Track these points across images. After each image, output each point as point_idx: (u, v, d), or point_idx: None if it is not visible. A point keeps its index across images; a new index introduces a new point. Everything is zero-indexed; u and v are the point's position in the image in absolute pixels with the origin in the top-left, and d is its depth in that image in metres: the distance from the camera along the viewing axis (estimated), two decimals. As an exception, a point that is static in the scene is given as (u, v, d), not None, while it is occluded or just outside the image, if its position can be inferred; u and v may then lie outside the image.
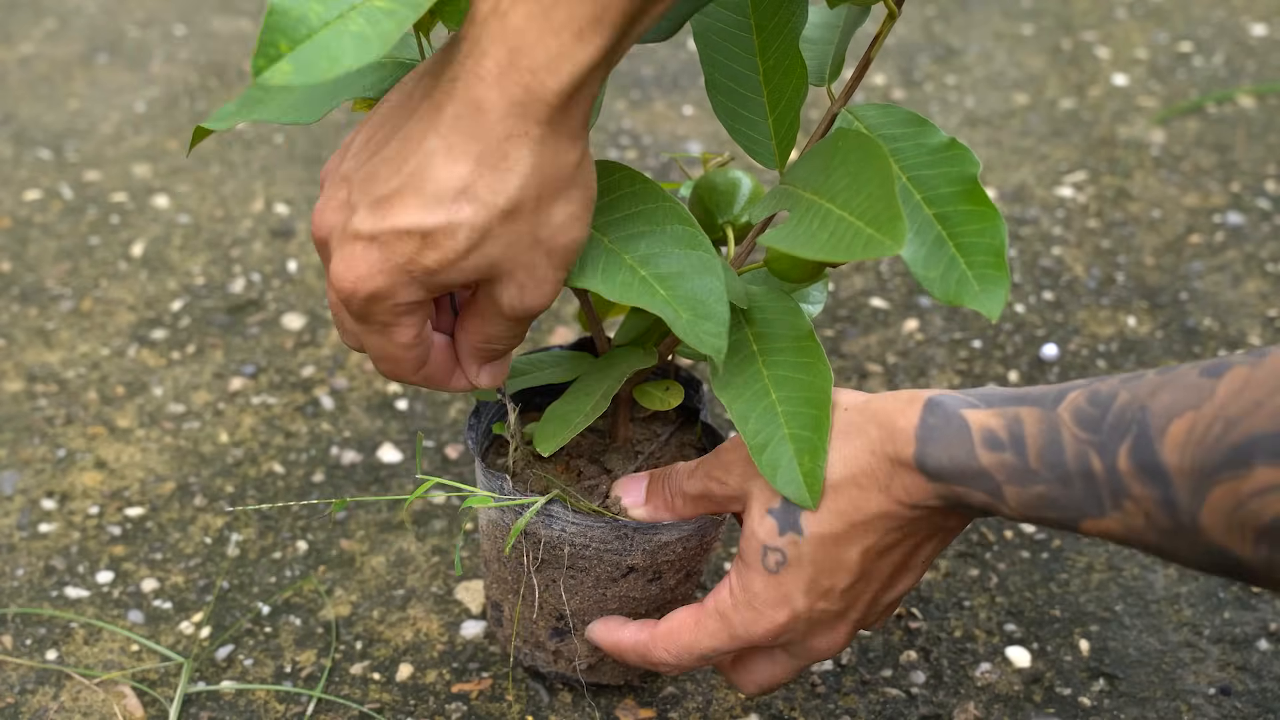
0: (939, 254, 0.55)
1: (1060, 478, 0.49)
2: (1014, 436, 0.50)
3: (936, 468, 0.52)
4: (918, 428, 0.53)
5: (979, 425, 0.51)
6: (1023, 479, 0.50)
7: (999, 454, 0.51)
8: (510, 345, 0.56)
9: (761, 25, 0.60)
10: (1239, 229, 1.13)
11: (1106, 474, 0.48)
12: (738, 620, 0.57)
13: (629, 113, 1.33)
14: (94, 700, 0.71)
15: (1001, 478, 0.51)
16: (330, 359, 0.98)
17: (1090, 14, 1.52)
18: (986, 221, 0.54)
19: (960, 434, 0.52)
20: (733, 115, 0.62)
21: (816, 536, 0.55)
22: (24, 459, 0.88)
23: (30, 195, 1.19)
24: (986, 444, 0.51)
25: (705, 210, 0.68)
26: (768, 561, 0.56)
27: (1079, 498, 0.49)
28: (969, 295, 0.54)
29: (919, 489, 0.53)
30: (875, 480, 0.54)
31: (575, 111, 0.49)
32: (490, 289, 0.52)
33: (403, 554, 0.81)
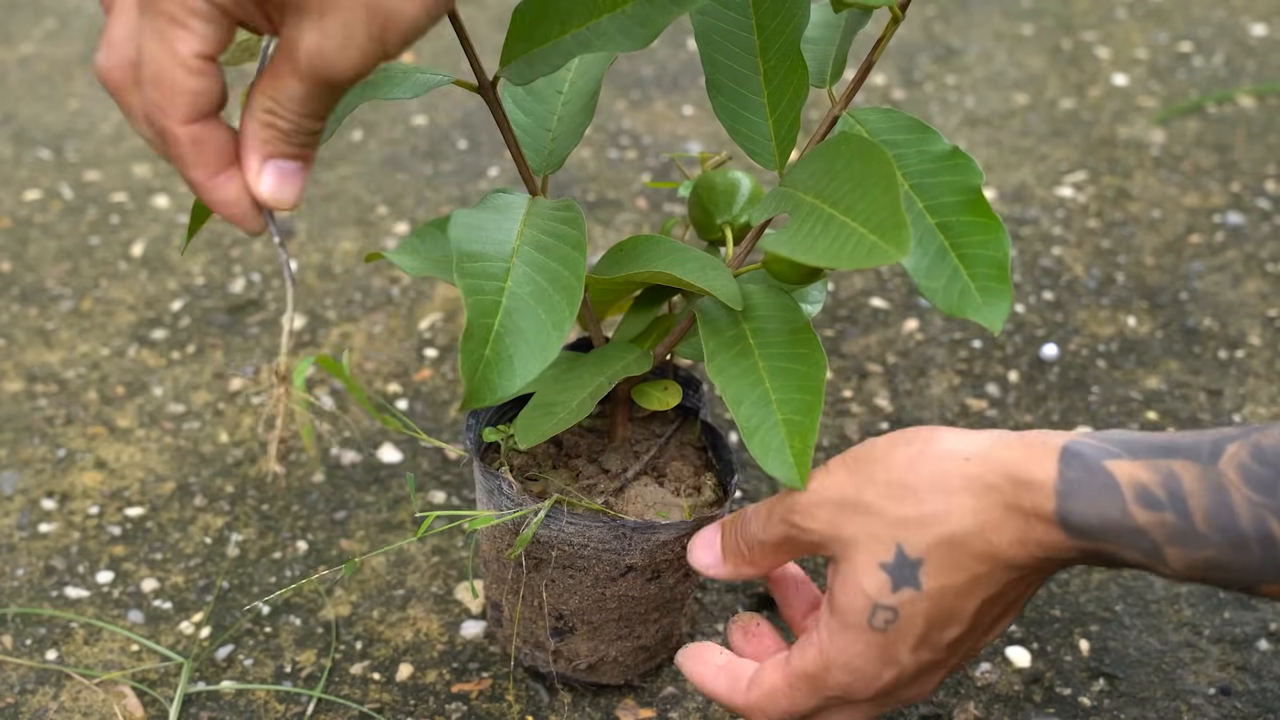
0: (941, 264, 0.54)
1: (1234, 543, 0.46)
2: (1173, 495, 0.47)
3: (1082, 524, 0.48)
4: (1057, 481, 0.49)
5: (1129, 480, 0.48)
6: (1188, 541, 0.47)
7: (1157, 513, 0.47)
8: (296, 124, 0.47)
9: (763, 25, 0.60)
10: (1239, 229, 1.12)
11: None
12: (833, 683, 0.55)
13: (629, 113, 1.33)
14: (94, 700, 0.71)
15: (1161, 538, 0.47)
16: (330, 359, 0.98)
17: (1090, 14, 1.52)
18: (990, 234, 0.54)
19: (1108, 489, 0.48)
20: (733, 116, 0.61)
21: (938, 591, 0.51)
22: (24, 459, 0.88)
23: (30, 195, 1.19)
24: (1141, 501, 0.47)
25: (704, 210, 0.68)
26: (876, 620, 0.52)
27: (1257, 563, 0.46)
28: (972, 307, 0.53)
29: (1058, 543, 0.50)
30: (1007, 534, 0.50)
31: None
32: (292, 29, 0.44)
33: (403, 554, 0.81)
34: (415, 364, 0.98)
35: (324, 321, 1.02)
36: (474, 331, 0.52)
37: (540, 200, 0.59)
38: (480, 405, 0.52)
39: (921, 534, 0.51)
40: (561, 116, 0.67)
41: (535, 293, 0.53)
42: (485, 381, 0.52)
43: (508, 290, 0.53)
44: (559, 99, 0.67)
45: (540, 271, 0.54)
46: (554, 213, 0.57)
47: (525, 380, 0.52)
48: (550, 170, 0.66)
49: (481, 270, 0.53)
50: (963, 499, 0.51)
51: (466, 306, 0.52)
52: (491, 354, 0.52)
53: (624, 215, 1.16)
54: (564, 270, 0.54)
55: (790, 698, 0.56)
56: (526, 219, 0.56)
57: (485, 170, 1.23)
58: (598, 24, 0.54)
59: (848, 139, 0.54)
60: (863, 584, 0.52)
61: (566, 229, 0.56)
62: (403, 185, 1.21)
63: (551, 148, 0.66)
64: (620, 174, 1.23)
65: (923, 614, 0.52)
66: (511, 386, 0.52)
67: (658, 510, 0.66)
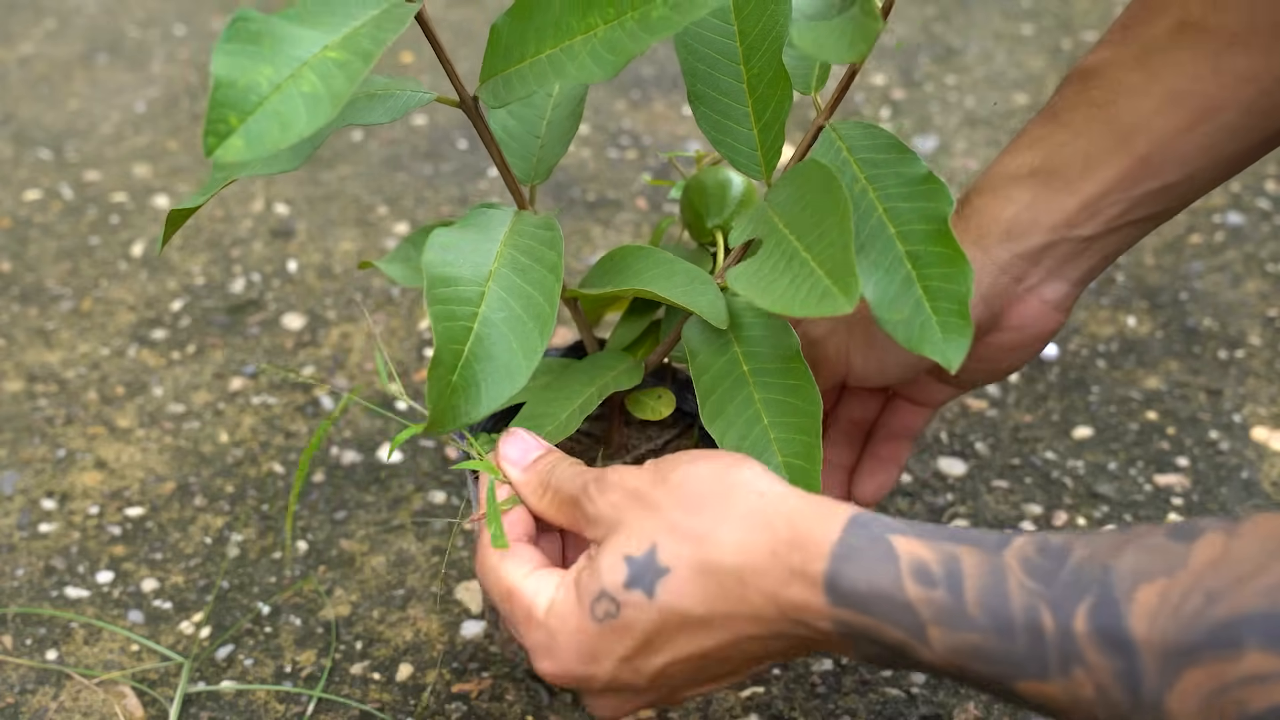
0: (906, 295, 0.53)
1: (1000, 628, 0.44)
2: (949, 573, 0.45)
3: (849, 590, 0.46)
4: (836, 544, 0.47)
5: (909, 554, 0.46)
6: (954, 621, 0.44)
7: (929, 590, 0.45)
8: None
9: (745, 33, 0.59)
10: (1239, 229, 1.13)
11: (1058, 634, 0.43)
12: (533, 638, 0.52)
13: (629, 113, 1.33)
14: (94, 700, 0.71)
15: (928, 615, 0.45)
16: (330, 359, 0.98)
17: (1090, 14, 1.52)
18: (955, 267, 0.52)
19: (885, 560, 0.46)
20: (717, 126, 0.60)
21: (667, 609, 0.49)
22: (24, 459, 0.88)
23: (30, 195, 1.19)
24: (916, 576, 0.45)
25: (695, 212, 0.67)
26: (596, 609, 0.50)
27: (1020, 654, 0.43)
28: (931, 344, 0.52)
29: (814, 609, 0.47)
30: (764, 582, 0.47)
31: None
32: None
33: (403, 554, 0.81)
34: (415, 364, 0.98)
35: (324, 321, 1.02)
36: (442, 357, 0.52)
37: (525, 216, 0.59)
38: (444, 430, 0.52)
39: (680, 545, 0.49)
40: (551, 121, 0.66)
41: (509, 319, 0.53)
42: (450, 407, 0.52)
43: (480, 316, 0.53)
44: (549, 102, 0.67)
45: (516, 296, 0.54)
46: (535, 231, 0.57)
47: (492, 407, 0.52)
48: (539, 180, 0.65)
49: (454, 295, 0.53)
50: (735, 528, 0.48)
51: (435, 334, 0.52)
52: (459, 380, 0.52)
53: (624, 215, 1.16)
54: (539, 296, 0.53)
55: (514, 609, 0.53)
56: (508, 238, 0.56)
57: (485, 170, 1.23)
58: (570, 46, 0.53)
59: (816, 168, 0.53)
60: (602, 567, 0.50)
61: (545, 250, 0.55)
62: (403, 185, 1.21)
63: (540, 155, 0.66)
64: (620, 174, 1.23)
65: (642, 625, 0.49)
66: (477, 412, 0.52)
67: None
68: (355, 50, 0.47)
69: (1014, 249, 0.62)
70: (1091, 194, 0.60)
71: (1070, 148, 0.60)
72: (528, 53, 0.54)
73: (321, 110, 0.45)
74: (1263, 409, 0.92)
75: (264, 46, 0.46)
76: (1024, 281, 0.62)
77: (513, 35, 0.55)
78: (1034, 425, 0.91)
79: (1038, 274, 0.62)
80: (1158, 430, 0.90)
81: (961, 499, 0.85)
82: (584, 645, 0.50)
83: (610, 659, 0.50)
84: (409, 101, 0.59)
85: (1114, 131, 0.60)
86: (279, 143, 0.44)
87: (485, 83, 0.57)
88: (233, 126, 0.44)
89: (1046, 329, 0.64)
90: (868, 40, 0.50)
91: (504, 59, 0.56)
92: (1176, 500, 0.84)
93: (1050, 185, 0.61)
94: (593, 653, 0.50)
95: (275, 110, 0.45)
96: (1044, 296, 0.63)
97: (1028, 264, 0.62)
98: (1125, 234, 0.62)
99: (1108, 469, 0.87)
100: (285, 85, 0.45)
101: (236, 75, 0.45)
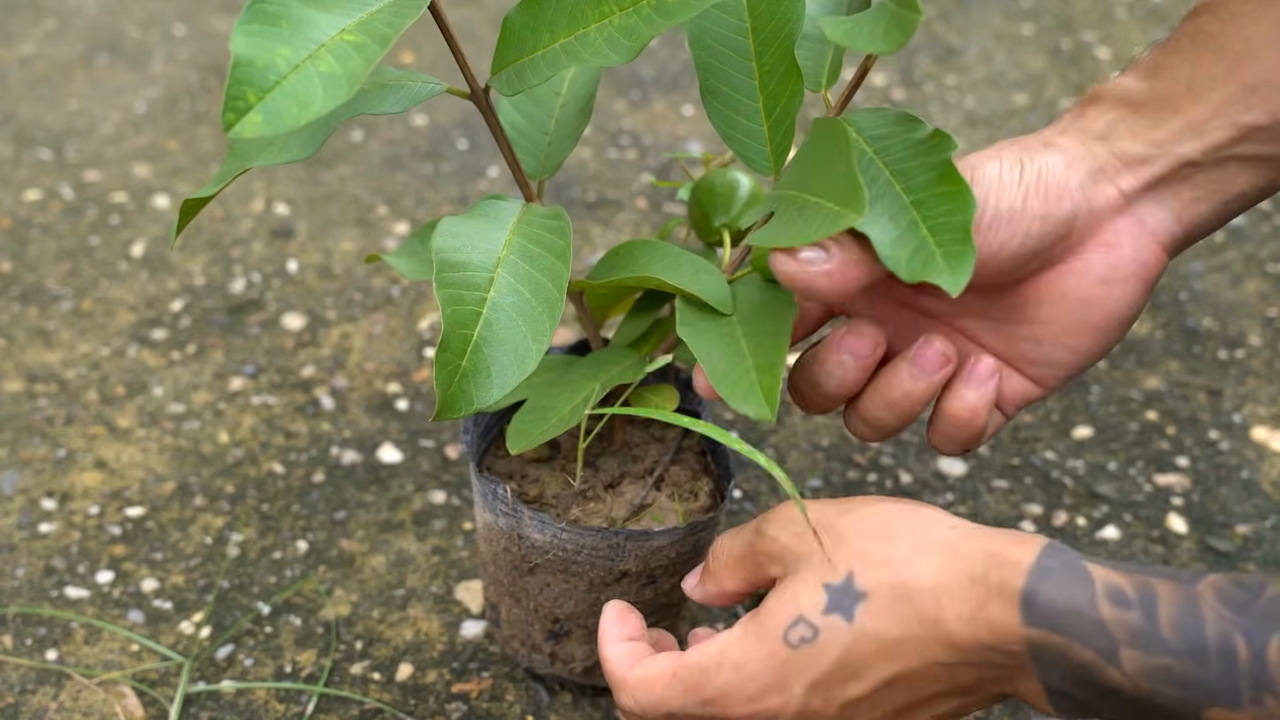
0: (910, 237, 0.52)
1: (1194, 653, 0.44)
2: (1144, 598, 0.46)
3: (1045, 608, 0.46)
4: (1033, 565, 0.47)
5: (1103, 579, 0.47)
6: (1148, 645, 0.45)
7: (1124, 611, 0.46)
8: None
9: (758, 29, 0.59)
10: (1239, 229, 1.12)
11: (1252, 661, 0.43)
12: (717, 683, 0.52)
13: (629, 113, 1.33)
14: (94, 700, 0.71)
15: (1123, 638, 0.45)
16: (330, 359, 0.98)
17: (1090, 14, 1.52)
18: (957, 200, 0.51)
19: (1081, 581, 0.47)
20: (728, 121, 0.61)
21: (865, 633, 0.49)
22: (24, 459, 0.88)
23: (30, 195, 1.19)
24: (1111, 598, 0.46)
25: (702, 212, 0.68)
26: (791, 635, 0.50)
27: (1212, 680, 0.44)
28: (933, 271, 0.51)
29: (1008, 629, 0.47)
30: (961, 606, 0.48)
31: None
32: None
33: (403, 554, 0.81)
34: (415, 364, 0.98)
35: (324, 321, 1.02)
36: (450, 342, 0.52)
37: (533, 207, 0.59)
38: (455, 416, 0.52)
39: (878, 572, 0.50)
40: (559, 119, 0.67)
41: (517, 304, 0.53)
42: (460, 392, 0.52)
43: (490, 301, 0.53)
44: (557, 100, 0.67)
45: (524, 282, 0.54)
46: (544, 221, 0.57)
47: (503, 392, 0.52)
48: (546, 175, 0.66)
49: (463, 280, 0.53)
50: (931, 556, 0.49)
51: (444, 317, 0.52)
52: (469, 365, 0.52)
53: (624, 215, 1.16)
54: (548, 282, 0.54)
55: (666, 687, 0.53)
56: (516, 227, 0.56)
57: (485, 170, 1.23)
58: (586, 34, 0.54)
59: (817, 124, 0.54)
60: (799, 595, 0.50)
61: (553, 238, 0.56)
62: (403, 185, 1.21)
63: (548, 151, 0.66)
64: (620, 174, 1.23)
65: (839, 649, 0.49)
66: (488, 398, 0.52)
67: (652, 515, 0.66)
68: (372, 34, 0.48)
69: (1112, 148, 0.57)
70: (1196, 116, 0.56)
71: (1178, 72, 0.57)
72: (541, 42, 0.55)
73: (339, 90, 0.46)
74: (1263, 409, 0.92)
75: (282, 27, 0.47)
76: (1122, 189, 0.56)
77: (526, 25, 0.56)
78: (1034, 425, 0.91)
79: (1135, 186, 0.56)
80: (1158, 430, 0.90)
81: (961, 499, 0.85)
82: (776, 672, 0.50)
83: (801, 684, 0.50)
84: (419, 92, 0.59)
85: (1222, 58, 0.56)
86: (297, 120, 0.45)
87: (498, 73, 0.57)
88: (251, 103, 0.45)
89: (1145, 259, 0.56)
90: (906, 31, 0.49)
91: (517, 49, 0.56)
92: (1176, 500, 0.84)
93: (1154, 104, 0.57)
94: (784, 679, 0.50)
95: (293, 89, 0.45)
96: (1142, 217, 0.57)
97: (1125, 169, 0.56)
98: (1229, 173, 0.57)
99: (1108, 469, 0.87)
100: (303, 65, 0.46)
101: (255, 54, 0.46)
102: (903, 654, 0.49)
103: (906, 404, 0.56)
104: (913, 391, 0.56)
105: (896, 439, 0.90)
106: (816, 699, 0.50)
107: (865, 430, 0.59)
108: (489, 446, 0.71)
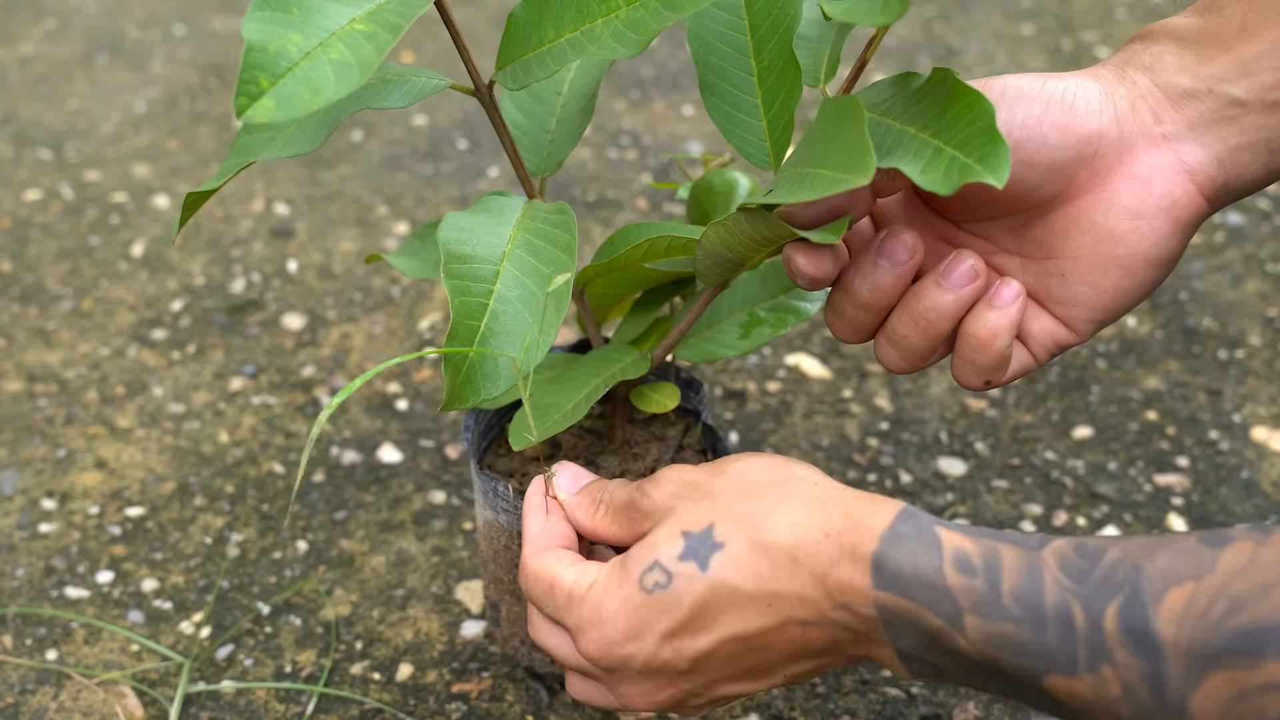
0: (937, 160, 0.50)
1: (1033, 620, 0.45)
2: (989, 565, 0.46)
3: (894, 573, 0.47)
4: (886, 529, 0.48)
5: (953, 545, 0.47)
6: (990, 611, 0.46)
7: (969, 578, 0.46)
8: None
9: (756, 26, 0.60)
10: (1239, 229, 1.13)
11: (1089, 629, 0.43)
12: (578, 615, 0.53)
13: (629, 113, 1.33)
14: (94, 700, 0.71)
15: (966, 604, 0.46)
16: (330, 359, 0.98)
17: (1090, 14, 1.52)
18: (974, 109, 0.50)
19: (930, 548, 0.47)
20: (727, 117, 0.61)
21: (719, 583, 0.50)
22: (24, 459, 0.88)
23: (30, 195, 1.19)
24: (957, 565, 0.47)
25: (702, 211, 0.68)
26: (646, 580, 0.51)
27: (1051, 647, 0.44)
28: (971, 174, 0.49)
29: (859, 591, 0.48)
30: (815, 561, 0.49)
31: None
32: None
33: (403, 554, 0.81)
34: (415, 364, 0.98)
35: (324, 321, 1.02)
36: (458, 332, 0.52)
37: (536, 204, 0.59)
38: (462, 407, 0.52)
39: (737, 525, 0.50)
40: (561, 118, 0.67)
41: (523, 296, 0.53)
42: (468, 383, 0.52)
43: (496, 293, 0.53)
44: (558, 99, 0.67)
45: (530, 275, 0.54)
46: (548, 216, 0.57)
47: (511, 383, 0.52)
48: (549, 172, 0.66)
49: (470, 272, 0.53)
50: (791, 510, 0.50)
51: (452, 308, 0.52)
52: (476, 356, 0.52)
53: (624, 215, 1.16)
54: (553, 274, 0.54)
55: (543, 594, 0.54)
56: (520, 222, 0.57)
57: (485, 170, 1.23)
58: (592, 29, 0.54)
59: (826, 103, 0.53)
60: (659, 541, 0.51)
61: (559, 232, 0.56)
62: (403, 185, 1.21)
63: (550, 149, 0.66)
64: (620, 174, 1.23)
65: (691, 597, 0.50)
66: (495, 388, 0.52)
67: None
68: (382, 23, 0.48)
69: (1156, 79, 0.55)
70: (1247, 52, 0.54)
71: (1230, 11, 0.55)
72: (546, 37, 0.55)
73: (350, 77, 0.46)
74: (1263, 409, 0.92)
75: (293, 14, 0.47)
76: (1162, 121, 0.54)
77: (531, 20, 0.56)
78: (1034, 425, 0.91)
79: (1177, 121, 0.54)
80: (1158, 430, 0.90)
81: (961, 499, 0.85)
82: (629, 617, 0.51)
83: (654, 634, 0.51)
84: (424, 87, 0.59)
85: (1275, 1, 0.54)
86: (309, 106, 0.45)
87: (502, 68, 0.57)
88: (263, 89, 0.45)
89: (1178, 197, 0.54)
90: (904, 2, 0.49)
91: (522, 44, 0.56)
92: (1176, 500, 0.84)
93: (1204, 40, 0.55)
94: (637, 626, 0.51)
95: (305, 75, 0.46)
96: (1181, 154, 0.54)
97: (1169, 104, 0.54)
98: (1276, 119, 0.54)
99: (1108, 469, 0.87)
100: (315, 52, 0.46)
101: (267, 40, 0.46)
102: (756, 609, 0.49)
103: (933, 317, 0.55)
104: (939, 304, 0.55)
105: (896, 439, 0.90)
106: (667, 650, 0.51)
107: (891, 354, 0.57)
108: (489, 445, 0.70)
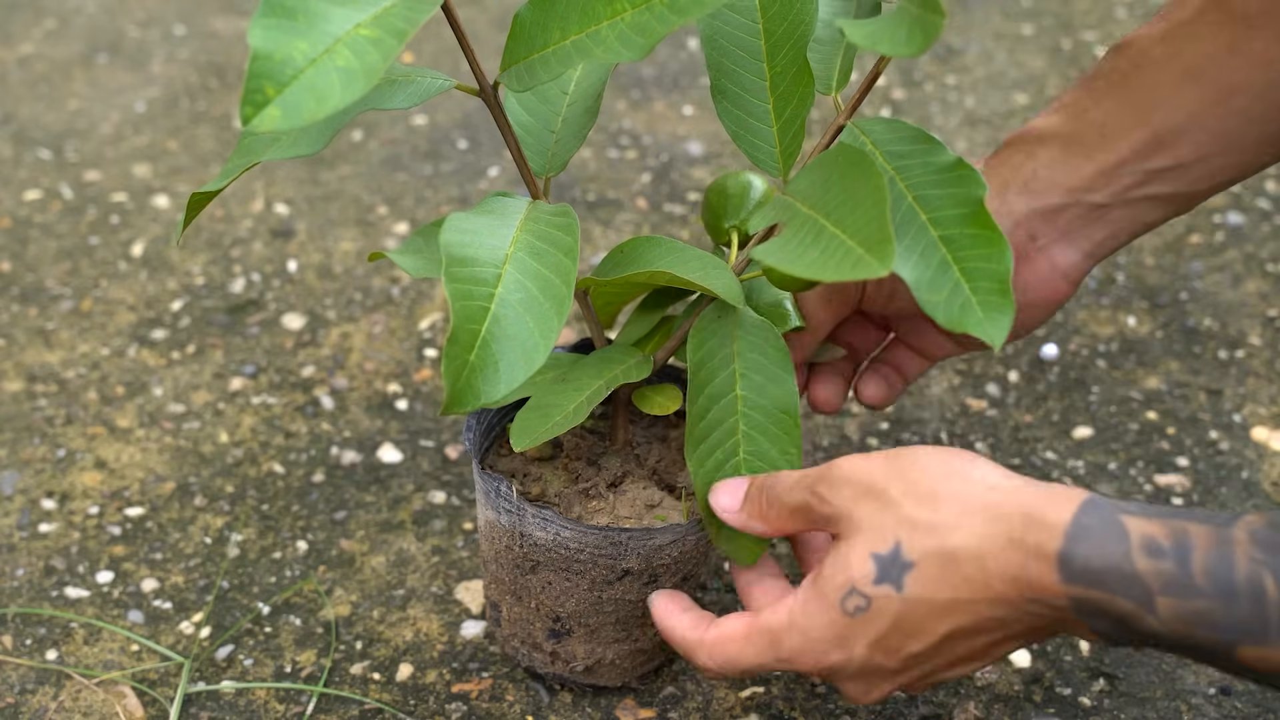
0: (943, 278, 0.54)
1: (1224, 594, 0.46)
2: (1178, 546, 0.48)
3: (1083, 567, 0.49)
4: (1069, 524, 0.50)
5: (1139, 531, 0.49)
6: (1182, 591, 0.47)
7: (1158, 561, 0.48)
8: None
9: (770, 31, 0.60)
10: (1239, 229, 1.13)
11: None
12: (788, 646, 0.56)
13: (629, 113, 1.33)
14: (94, 700, 0.71)
15: (1156, 586, 0.48)
16: (330, 359, 0.98)
17: (1090, 14, 1.52)
18: (992, 247, 0.53)
19: (1116, 537, 0.49)
20: (738, 122, 0.61)
21: (915, 599, 0.52)
22: (24, 459, 0.88)
23: (30, 195, 1.19)
24: (1145, 550, 0.48)
25: (714, 213, 0.68)
26: (847, 604, 0.54)
27: (1242, 619, 0.46)
28: (973, 322, 0.53)
29: (1050, 588, 0.50)
30: (1004, 567, 0.51)
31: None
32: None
33: (403, 554, 0.81)
34: (415, 364, 0.98)
35: (324, 321, 1.02)
36: (459, 337, 0.52)
37: (540, 204, 0.59)
38: (462, 410, 0.52)
39: (923, 539, 0.52)
40: (566, 118, 0.67)
41: (525, 300, 0.53)
42: (469, 387, 0.52)
43: (498, 296, 0.53)
44: (564, 99, 0.67)
45: (532, 278, 0.54)
46: (551, 218, 0.57)
47: (510, 387, 0.52)
48: (553, 172, 0.66)
49: (471, 275, 0.53)
50: (973, 520, 0.52)
51: (453, 312, 0.52)
52: (476, 360, 0.52)
53: (624, 215, 1.16)
54: (555, 278, 0.54)
55: (741, 648, 0.57)
56: (523, 224, 0.56)
57: (486, 170, 1.23)
58: (597, 31, 0.54)
59: (846, 151, 0.54)
60: (851, 564, 0.54)
61: (561, 235, 0.56)
62: (403, 185, 1.21)
63: (554, 149, 0.66)
64: (620, 174, 1.23)
65: (892, 616, 0.53)
66: (496, 392, 0.52)
67: (655, 513, 0.66)
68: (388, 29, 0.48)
69: (1031, 204, 0.63)
70: (1107, 162, 0.62)
71: (1092, 114, 0.62)
72: (552, 39, 0.55)
73: (356, 84, 0.46)
74: (1263, 409, 0.92)
75: (299, 21, 0.47)
76: (1037, 240, 0.64)
77: (536, 22, 0.56)
78: (1034, 425, 0.91)
79: (1050, 234, 0.64)
80: (1158, 430, 0.90)
81: (962, 499, 0.85)
82: (837, 635, 0.54)
83: (862, 643, 0.54)
84: (429, 88, 0.59)
85: (1132, 103, 0.61)
86: (315, 114, 0.45)
87: (507, 69, 0.57)
88: (270, 97, 0.45)
89: (1052, 298, 0.65)
90: (929, 35, 0.49)
91: (527, 46, 0.56)
92: (1177, 500, 0.84)
93: (1070, 148, 0.63)
94: (844, 639, 0.54)
95: (311, 83, 0.45)
96: (1054, 260, 0.64)
97: (1042, 221, 0.63)
98: (1139, 210, 0.63)
99: (1108, 469, 0.87)
100: (320, 60, 0.46)
101: (273, 48, 0.46)
102: (955, 613, 0.52)
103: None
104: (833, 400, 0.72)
105: (897, 439, 0.90)
106: (879, 656, 0.54)
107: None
108: (491, 445, 0.70)
